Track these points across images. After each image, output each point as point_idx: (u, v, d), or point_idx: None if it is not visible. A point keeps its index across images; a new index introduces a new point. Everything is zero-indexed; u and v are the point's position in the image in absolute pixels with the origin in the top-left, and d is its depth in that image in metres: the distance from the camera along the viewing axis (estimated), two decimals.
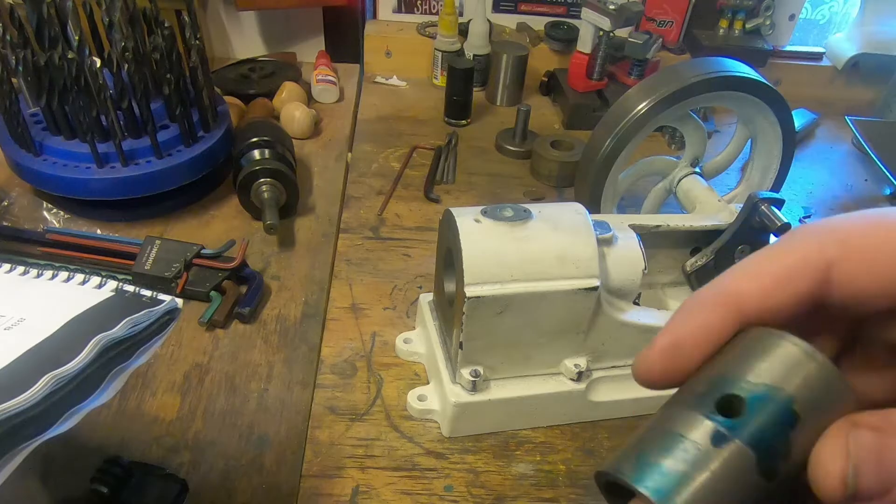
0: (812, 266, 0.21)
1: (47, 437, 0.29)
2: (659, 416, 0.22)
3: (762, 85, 0.65)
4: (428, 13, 1.13)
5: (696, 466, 0.20)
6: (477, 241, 0.48)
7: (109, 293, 0.37)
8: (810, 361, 0.21)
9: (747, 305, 0.22)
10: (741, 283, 0.22)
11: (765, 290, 0.22)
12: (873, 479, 0.19)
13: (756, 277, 0.22)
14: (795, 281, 0.22)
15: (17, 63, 0.64)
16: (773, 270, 0.22)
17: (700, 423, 0.21)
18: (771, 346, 0.21)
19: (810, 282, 0.22)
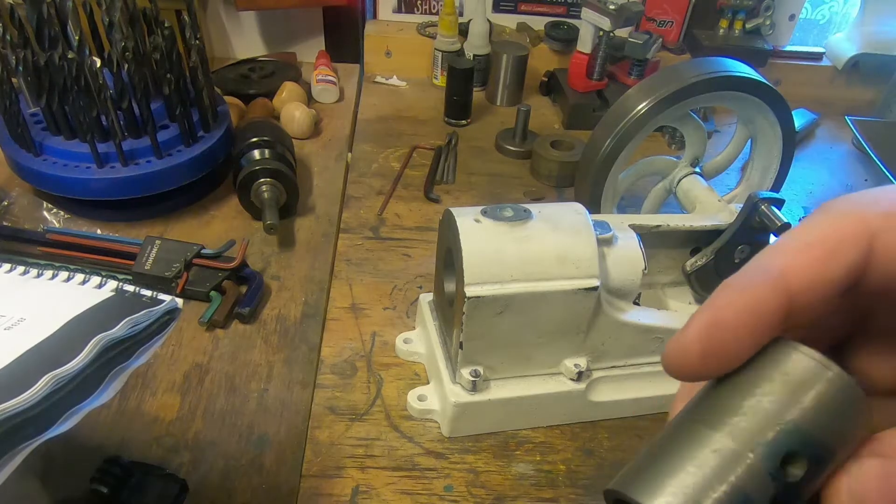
0: (858, 236, 0.20)
1: (47, 437, 0.29)
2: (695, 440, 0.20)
3: (762, 85, 0.65)
4: (428, 13, 1.13)
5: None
6: (477, 241, 0.48)
7: (109, 293, 0.37)
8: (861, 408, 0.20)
9: (795, 282, 0.20)
10: (786, 258, 0.20)
11: (812, 265, 0.20)
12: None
13: (801, 252, 0.20)
14: (842, 253, 0.20)
15: (17, 63, 0.64)
16: (819, 243, 0.20)
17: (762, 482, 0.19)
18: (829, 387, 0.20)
19: (857, 254, 0.20)
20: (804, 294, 0.20)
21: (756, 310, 0.20)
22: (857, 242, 0.20)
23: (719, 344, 0.20)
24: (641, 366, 0.57)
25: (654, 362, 0.57)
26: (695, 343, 0.20)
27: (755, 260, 0.21)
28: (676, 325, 0.55)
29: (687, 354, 0.20)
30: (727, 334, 0.20)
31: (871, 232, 0.20)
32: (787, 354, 0.20)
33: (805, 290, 0.20)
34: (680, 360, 0.20)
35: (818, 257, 0.20)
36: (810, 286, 0.20)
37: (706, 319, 0.20)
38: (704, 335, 0.20)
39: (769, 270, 0.20)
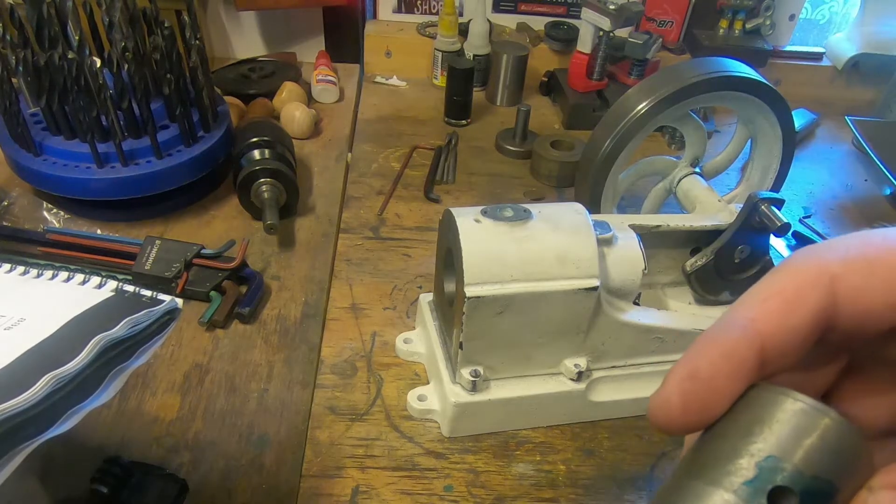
0: (818, 281, 0.21)
1: (47, 438, 0.29)
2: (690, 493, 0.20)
3: (762, 85, 0.65)
4: (428, 13, 1.13)
5: None
6: (477, 241, 0.48)
7: (109, 293, 0.37)
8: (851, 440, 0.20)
9: (764, 328, 0.21)
10: (753, 308, 0.21)
11: (778, 312, 0.21)
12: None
13: (766, 301, 0.21)
14: (805, 299, 0.21)
15: (17, 63, 0.64)
16: (782, 291, 0.21)
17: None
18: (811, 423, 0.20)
19: (819, 298, 0.21)
20: (774, 339, 0.21)
21: (730, 357, 0.21)
22: (817, 287, 0.21)
23: (698, 395, 0.21)
24: (641, 366, 0.57)
25: (654, 362, 0.57)
26: (674, 396, 0.21)
27: (723, 316, 0.22)
28: (676, 325, 0.55)
29: (668, 409, 0.21)
30: (705, 385, 0.21)
31: (831, 277, 0.21)
32: (775, 401, 0.20)
33: (774, 335, 0.21)
34: (663, 416, 0.21)
35: (783, 304, 0.21)
36: (779, 331, 0.21)
37: (683, 372, 0.21)
38: (682, 388, 0.21)
39: (738, 320, 0.21)
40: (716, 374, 0.21)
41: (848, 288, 0.21)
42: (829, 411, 0.20)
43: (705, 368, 0.21)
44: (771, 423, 0.20)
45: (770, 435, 0.20)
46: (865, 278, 0.21)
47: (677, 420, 0.21)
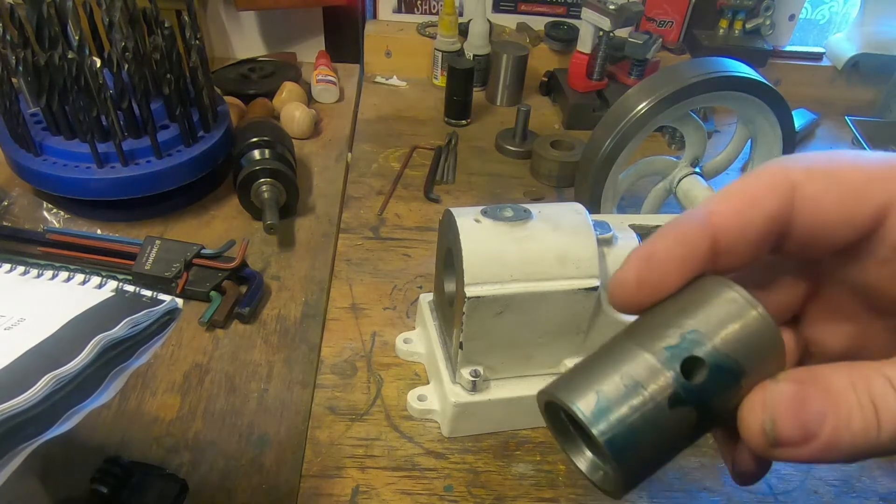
0: (779, 186, 0.22)
1: (47, 438, 0.29)
2: (620, 350, 0.23)
3: (762, 85, 0.65)
4: (428, 13, 1.13)
5: (651, 421, 0.22)
6: (477, 241, 0.48)
7: (109, 293, 0.37)
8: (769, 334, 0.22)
9: (720, 223, 0.23)
10: (713, 204, 0.23)
11: (735, 209, 0.23)
12: (793, 428, 0.20)
13: (727, 199, 0.23)
14: (763, 200, 0.22)
15: (17, 63, 0.64)
16: (743, 191, 0.23)
17: (663, 380, 0.22)
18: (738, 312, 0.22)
19: (777, 201, 0.22)
20: (728, 233, 0.23)
21: (684, 243, 0.23)
22: (777, 191, 0.22)
23: (652, 274, 0.23)
24: None
25: None
26: (631, 273, 0.23)
27: (693, 208, 0.24)
28: None
29: (625, 286, 0.23)
30: (659, 265, 0.23)
31: (791, 183, 0.22)
32: (715, 289, 0.23)
33: (728, 229, 0.23)
34: (619, 291, 0.23)
35: (741, 202, 0.23)
36: (733, 226, 0.23)
37: (641, 254, 0.23)
38: (639, 267, 0.23)
39: (698, 212, 0.23)
40: (669, 256, 0.23)
41: (805, 196, 0.22)
42: (756, 305, 0.22)
43: (661, 251, 0.23)
44: (705, 306, 0.23)
45: (701, 315, 0.22)
46: (823, 189, 0.22)
47: (632, 297, 0.23)
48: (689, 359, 0.22)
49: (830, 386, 0.21)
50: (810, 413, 0.20)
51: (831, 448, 0.20)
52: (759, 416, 0.21)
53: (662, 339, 0.22)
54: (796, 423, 0.20)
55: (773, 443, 0.21)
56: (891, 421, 0.20)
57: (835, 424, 0.20)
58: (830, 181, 0.22)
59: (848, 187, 0.22)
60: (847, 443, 0.20)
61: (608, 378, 0.22)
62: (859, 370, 0.21)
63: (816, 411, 0.20)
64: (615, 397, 0.22)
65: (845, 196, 0.22)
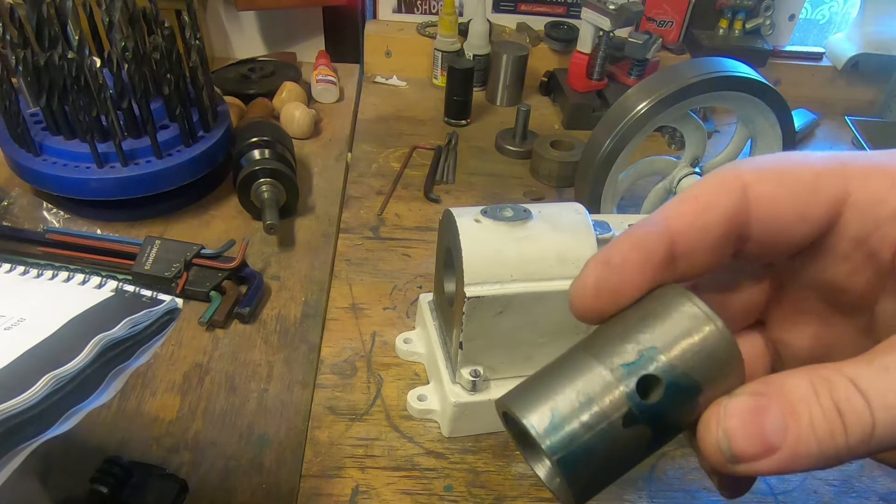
0: (731, 188, 0.22)
1: (47, 438, 0.29)
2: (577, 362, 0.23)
3: (762, 85, 0.65)
4: (428, 13, 1.13)
5: (604, 439, 0.21)
6: (477, 241, 0.48)
7: (109, 293, 0.37)
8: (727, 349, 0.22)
9: (676, 227, 0.22)
10: (668, 209, 0.23)
11: (690, 212, 0.23)
12: (750, 442, 0.20)
13: (682, 203, 0.23)
14: (717, 203, 0.22)
15: (17, 63, 0.64)
16: (697, 195, 0.23)
17: (619, 398, 0.21)
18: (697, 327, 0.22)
19: (730, 202, 0.22)
20: (685, 237, 0.22)
21: (640, 248, 0.22)
22: (729, 193, 0.22)
23: (609, 281, 0.23)
24: None
25: None
26: (588, 281, 0.23)
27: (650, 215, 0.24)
28: None
29: (583, 294, 0.23)
30: (615, 271, 0.23)
31: (743, 184, 0.22)
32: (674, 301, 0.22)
33: (685, 232, 0.22)
34: (578, 300, 0.23)
35: (695, 205, 0.23)
36: (689, 230, 0.22)
37: (597, 260, 0.23)
38: (596, 273, 0.23)
39: (654, 217, 0.23)
40: (625, 262, 0.23)
41: (758, 196, 0.22)
42: (715, 320, 0.22)
43: (617, 257, 0.23)
44: (664, 319, 0.22)
45: (659, 329, 0.22)
46: (775, 188, 0.22)
47: (591, 305, 0.23)
48: (645, 377, 0.21)
49: (789, 394, 0.20)
50: (769, 425, 0.20)
51: (796, 458, 0.19)
52: (714, 434, 0.20)
53: (619, 354, 0.22)
54: (753, 436, 0.20)
55: (731, 459, 0.20)
56: (857, 424, 0.19)
57: (797, 434, 0.19)
58: (781, 179, 0.22)
59: (799, 185, 0.22)
60: (813, 451, 0.19)
61: (563, 393, 0.22)
62: (820, 374, 0.20)
63: (775, 422, 0.20)
64: (568, 414, 0.21)
65: (797, 194, 0.22)
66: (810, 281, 0.25)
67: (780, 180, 0.22)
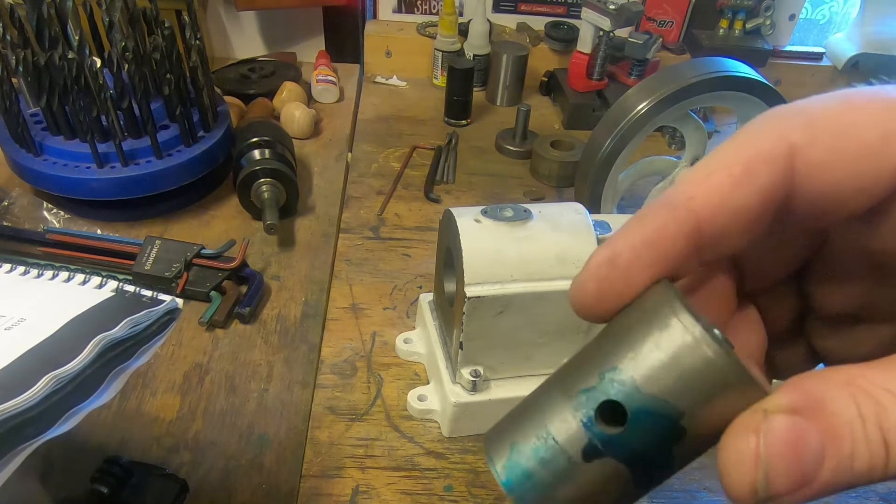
0: (775, 154, 0.18)
1: (47, 438, 0.29)
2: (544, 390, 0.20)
3: (762, 85, 0.65)
4: (428, 13, 1.13)
5: (564, 477, 0.18)
6: (477, 241, 0.48)
7: (109, 293, 0.37)
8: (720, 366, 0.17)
9: (702, 210, 0.18)
10: (691, 185, 0.18)
11: (720, 189, 0.18)
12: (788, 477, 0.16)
13: (708, 176, 0.18)
14: (756, 175, 0.17)
15: (17, 63, 0.64)
16: (728, 164, 0.18)
17: (574, 431, 0.18)
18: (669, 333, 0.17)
19: (772, 175, 0.18)
20: (713, 221, 0.18)
21: (654, 246, 0.18)
22: (772, 161, 0.17)
23: (613, 284, 0.18)
24: None
25: None
26: (590, 283, 0.19)
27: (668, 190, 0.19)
28: None
29: (584, 295, 0.19)
30: (621, 273, 0.18)
31: (790, 148, 0.18)
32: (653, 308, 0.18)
33: (713, 217, 0.18)
34: (578, 301, 0.19)
35: (727, 180, 0.18)
36: (719, 213, 0.18)
37: (602, 256, 0.19)
38: (599, 274, 0.19)
39: (675, 198, 0.18)
40: (634, 262, 0.18)
41: (809, 162, 0.18)
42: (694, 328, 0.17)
43: (625, 255, 0.18)
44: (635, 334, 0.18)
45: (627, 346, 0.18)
46: (830, 153, 0.17)
47: (592, 307, 0.19)
48: (606, 403, 0.18)
49: (832, 416, 0.16)
50: (808, 453, 0.16)
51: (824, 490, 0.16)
52: (751, 473, 0.16)
53: (582, 378, 0.18)
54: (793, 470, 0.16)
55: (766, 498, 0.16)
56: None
57: (836, 465, 0.16)
58: (839, 142, 0.17)
59: (861, 150, 0.17)
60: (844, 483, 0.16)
61: (524, 428, 0.19)
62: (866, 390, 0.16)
63: (814, 450, 0.16)
64: (526, 451, 0.19)
65: (858, 162, 0.17)
66: (857, 245, 0.20)
67: (836, 144, 0.17)
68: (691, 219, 0.18)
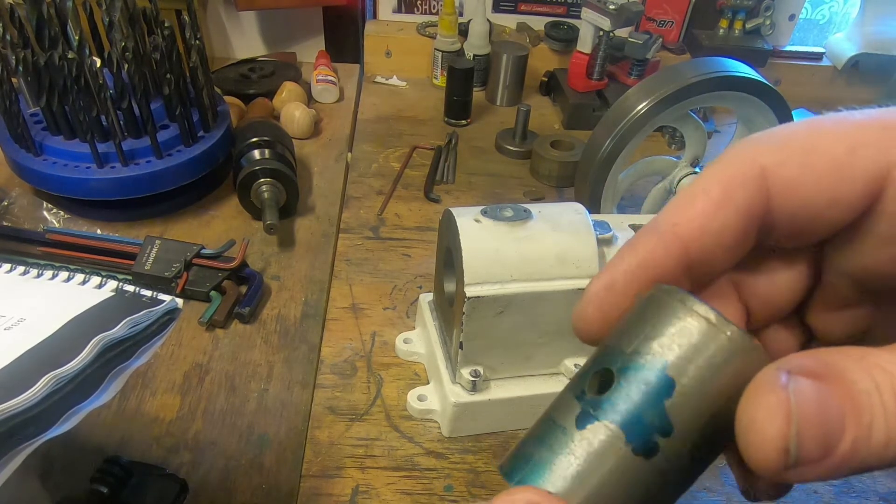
0: (747, 176, 0.19)
1: (47, 438, 0.29)
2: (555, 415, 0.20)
3: (762, 85, 0.65)
4: (428, 13, 1.13)
5: (561, 452, 0.18)
6: (477, 241, 0.48)
7: (109, 293, 0.37)
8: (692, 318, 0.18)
9: (686, 234, 0.19)
10: (675, 213, 0.19)
11: (702, 213, 0.19)
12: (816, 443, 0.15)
13: (690, 202, 0.19)
14: (732, 197, 0.19)
15: (17, 63, 0.64)
16: (706, 189, 0.19)
17: (569, 405, 0.19)
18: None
19: (748, 195, 0.19)
20: (699, 243, 0.19)
21: (648, 266, 0.19)
22: (746, 183, 0.19)
23: (615, 307, 0.20)
24: None
25: None
26: (592, 308, 0.20)
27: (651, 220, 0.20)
28: None
29: (587, 321, 0.20)
30: (621, 297, 0.19)
31: (761, 170, 0.19)
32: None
33: (698, 239, 0.19)
34: (583, 327, 0.20)
35: (707, 204, 0.19)
36: (703, 235, 0.19)
37: (600, 283, 0.20)
38: (600, 299, 0.20)
39: (660, 225, 0.20)
40: (631, 284, 0.19)
41: (781, 181, 0.19)
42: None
43: (622, 280, 0.20)
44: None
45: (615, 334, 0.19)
46: (799, 171, 0.18)
47: (597, 332, 0.20)
48: (594, 374, 0.18)
49: (852, 385, 0.16)
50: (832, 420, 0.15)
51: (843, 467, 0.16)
52: (781, 427, 0.15)
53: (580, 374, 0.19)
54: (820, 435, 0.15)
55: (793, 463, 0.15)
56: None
57: (855, 436, 0.15)
58: (806, 160, 0.18)
59: (828, 163, 0.18)
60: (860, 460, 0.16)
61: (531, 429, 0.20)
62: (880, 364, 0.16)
63: (837, 417, 0.15)
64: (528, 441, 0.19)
65: (827, 175, 0.18)
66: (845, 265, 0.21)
67: (805, 161, 0.18)
68: (678, 243, 0.19)
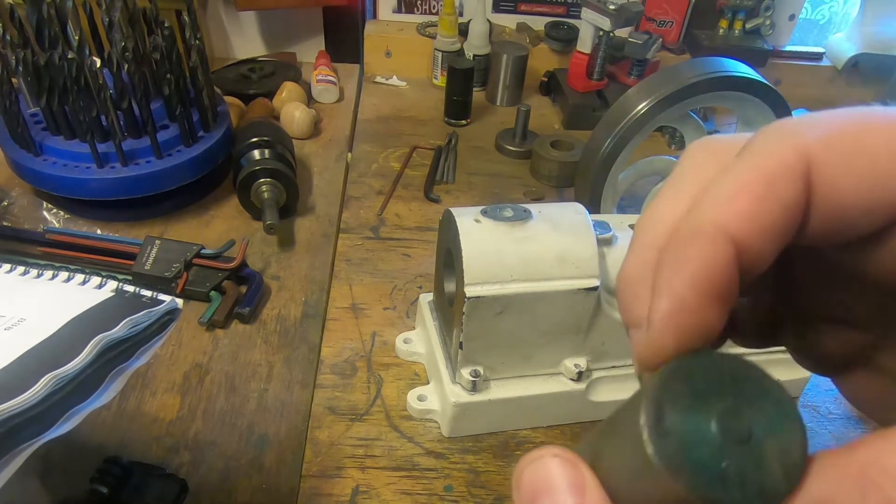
0: (794, 167, 0.16)
1: (48, 438, 0.29)
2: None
3: (762, 85, 0.65)
4: (428, 13, 1.13)
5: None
6: (477, 241, 0.48)
7: (109, 293, 0.37)
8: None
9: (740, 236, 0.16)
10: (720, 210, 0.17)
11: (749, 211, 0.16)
12: None
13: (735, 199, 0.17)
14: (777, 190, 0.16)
15: (17, 63, 0.64)
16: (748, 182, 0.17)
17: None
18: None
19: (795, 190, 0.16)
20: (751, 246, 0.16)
21: (714, 278, 0.16)
22: (792, 175, 0.16)
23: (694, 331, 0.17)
24: None
25: None
26: (667, 338, 0.17)
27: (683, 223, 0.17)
28: None
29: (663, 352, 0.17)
30: (697, 318, 0.17)
31: (807, 161, 0.16)
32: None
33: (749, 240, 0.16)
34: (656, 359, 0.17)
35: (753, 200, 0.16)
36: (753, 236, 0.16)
37: (667, 307, 0.17)
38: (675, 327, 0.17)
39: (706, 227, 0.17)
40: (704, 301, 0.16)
41: (824, 181, 0.16)
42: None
43: (692, 298, 0.16)
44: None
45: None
46: (841, 172, 0.16)
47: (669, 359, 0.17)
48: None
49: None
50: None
51: None
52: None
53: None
54: None
55: None
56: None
57: None
58: (851, 160, 0.16)
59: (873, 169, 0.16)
60: None
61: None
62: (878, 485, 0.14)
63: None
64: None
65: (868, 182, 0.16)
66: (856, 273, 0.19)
67: (850, 161, 0.16)
68: (732, 245, 0.16)
